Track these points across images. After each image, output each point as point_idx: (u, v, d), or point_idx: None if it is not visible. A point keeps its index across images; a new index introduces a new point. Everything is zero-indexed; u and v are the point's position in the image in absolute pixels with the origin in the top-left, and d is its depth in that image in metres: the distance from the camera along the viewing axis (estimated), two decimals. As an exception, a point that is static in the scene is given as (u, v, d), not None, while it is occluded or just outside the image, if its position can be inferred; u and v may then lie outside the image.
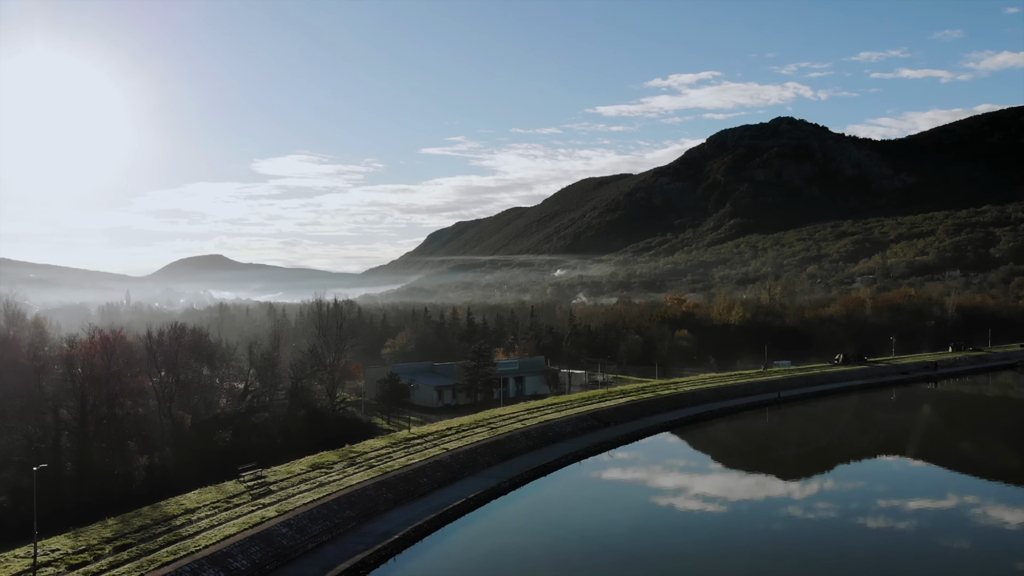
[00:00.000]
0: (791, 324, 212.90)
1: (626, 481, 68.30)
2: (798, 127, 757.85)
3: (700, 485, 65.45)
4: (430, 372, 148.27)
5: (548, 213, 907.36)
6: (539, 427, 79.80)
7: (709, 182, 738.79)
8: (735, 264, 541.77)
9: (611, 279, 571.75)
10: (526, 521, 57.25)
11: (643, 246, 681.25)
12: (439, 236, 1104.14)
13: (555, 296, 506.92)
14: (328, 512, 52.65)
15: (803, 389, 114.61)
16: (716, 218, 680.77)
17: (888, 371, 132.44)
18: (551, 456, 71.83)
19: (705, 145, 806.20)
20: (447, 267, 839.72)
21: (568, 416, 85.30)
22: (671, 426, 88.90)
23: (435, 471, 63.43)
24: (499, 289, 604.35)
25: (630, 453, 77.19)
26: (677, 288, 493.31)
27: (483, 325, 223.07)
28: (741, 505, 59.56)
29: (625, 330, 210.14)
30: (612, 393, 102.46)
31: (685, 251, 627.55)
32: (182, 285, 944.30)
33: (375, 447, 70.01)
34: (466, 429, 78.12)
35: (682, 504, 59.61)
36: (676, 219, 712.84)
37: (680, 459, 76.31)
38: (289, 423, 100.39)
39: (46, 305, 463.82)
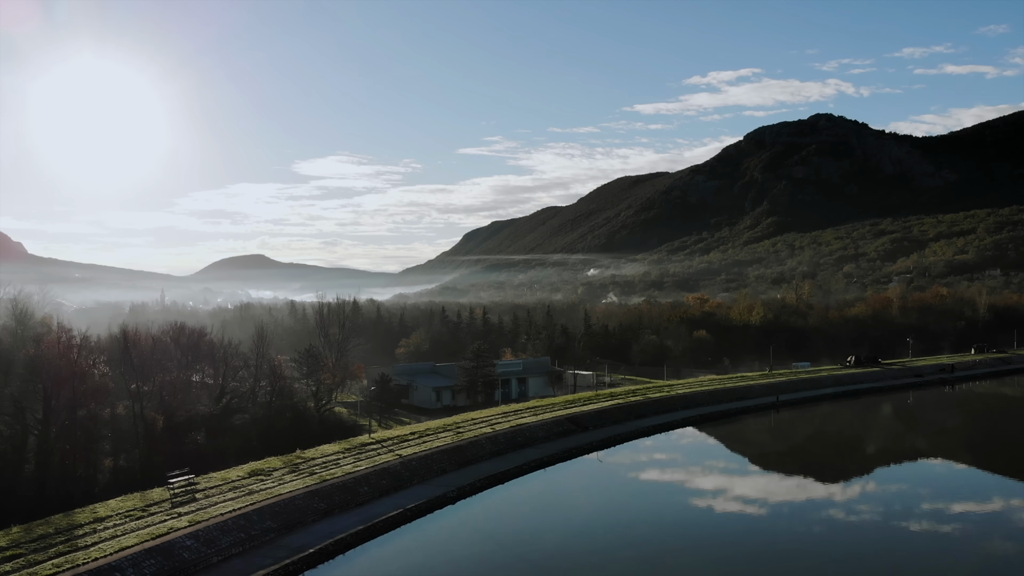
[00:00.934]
0: (814, 324, 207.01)
1: (579, 491, 64.41)
2: (837, 124, 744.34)
3: (648, 498, 61.30)
4: (432, 373, 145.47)
5: (583, 212, 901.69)
6: (509, 432, 76.30)
7: (746, 180, 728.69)
8: (770, 263, 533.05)
9: (643, 278, 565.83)
10: (459, 534, 53.81)
11: (678, 245, 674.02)
12: (475, 236, 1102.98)
13: (586, 295, 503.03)
14: (246, 523, 49.67)
15: (805, 393, 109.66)
16: (753, 216, 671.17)
17: (901, 374, 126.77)
18: (513, 463, 68.30)
19: (742, 142, 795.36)
20: (481, 266, 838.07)
21: (544, 420, 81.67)
22: (653, 431, 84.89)
23: (379, 479, 60.25)
24: (531, 289, 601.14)
25: (596, 461, 73.13)
26: (711, 288, 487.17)
27: (498, 325, 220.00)
28: (684, 517, 55.48)
29: (642, 330, 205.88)
30: (601, 396, 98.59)
31: (720, 250, 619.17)
32: (224, 284, 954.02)
33: (325, 453, 67.01)
34: (431, 433, 74.86)
35: (622, 518, 55.74)
36: (712, 217, 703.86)
37: (644, 468, 72.01)
38: (268, 425, 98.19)
39: (82, 304, 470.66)
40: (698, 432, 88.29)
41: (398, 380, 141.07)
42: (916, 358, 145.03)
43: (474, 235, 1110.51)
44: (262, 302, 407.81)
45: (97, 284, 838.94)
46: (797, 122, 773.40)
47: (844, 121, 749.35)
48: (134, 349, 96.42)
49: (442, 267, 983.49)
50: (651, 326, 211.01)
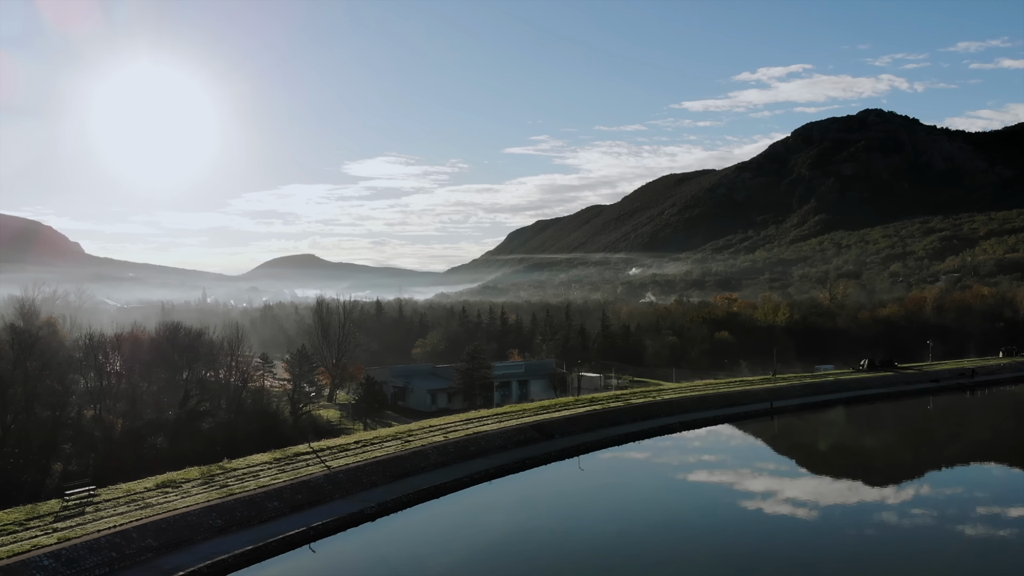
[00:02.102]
0: (843, 326, 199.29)
1: (508, 508, 59.65)
2: (887, 119, 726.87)
3: (576, 519, 56.26)
4: (431, 375, 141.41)
5: (627, 211, 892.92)
6: (462, 440, 71.87)
7: (793, 177, 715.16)
8: (816, 262, 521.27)
9: (685, 278, 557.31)
10: (359, 558, 49.59)
11: (723, 243, 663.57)
12: (519, 235, 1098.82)
13: (624, 295, 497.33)
14: (122, 541, 45.97)
15: (806, 399, 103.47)
16: (800, 214, 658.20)
17: (916, 379, 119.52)
18: (454, 475, 63.93)
19: (790, 139, 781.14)
20: (524, 265, 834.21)
21: (506, 427, 77.06)
22: (625, 439, 79.81)
23: (295, 494, 56.27)
24: (570, 288, 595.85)
25: (548, 473, 68.34)
26: (754, 287, 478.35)
27: (516, 325, 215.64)
28: (607, 544, 50.43)
29: (663, 331, 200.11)
30: (580, 400, 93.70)
31: (766, 248, 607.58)
32: (273, 284, 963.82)
33: (252, 463, 63.26)
34: (376, 442, 70.75)
35: (538, 541, 50.94)
36: (758, 215, 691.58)
37: (593, 481, 66.90)
38: (236, 430, 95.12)
39: (127, 303, 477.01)
40: (669, 440, 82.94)
41: (394, 382, 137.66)
42: (937, 362, 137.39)
43: (518, 234, 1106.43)
44: (306, 301, 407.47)
45: (149, 284, 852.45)
46: (846, 118, 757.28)
47: (894, 117, 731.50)
48: (100, 350, 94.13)
49: (486, 266, 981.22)
50: (673, 327, 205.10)
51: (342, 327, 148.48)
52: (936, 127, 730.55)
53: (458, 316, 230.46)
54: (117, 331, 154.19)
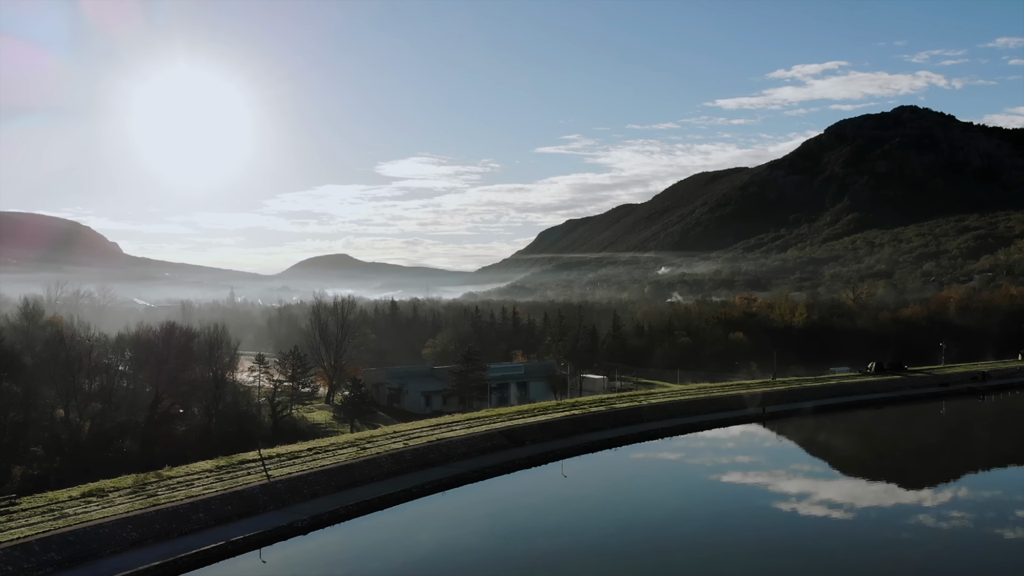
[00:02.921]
0: (862, 326, 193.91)
1: (450, 522, 56.50)
2: (922, 116, 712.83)
3: (508, 538, 52.74)
4: (428, 376, 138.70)
5: (658, 209, 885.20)
6: (423, 447, 68.82)
7: (826, 175, 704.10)
8: (847, 261, 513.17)
9: (714, 277, 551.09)
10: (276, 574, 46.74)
11: (754, 242, 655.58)
12: (549, 234, 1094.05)
13: (652, 294, 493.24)
14: (22, 554, 43.47)
15: (802, 403, 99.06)
16: (833, 212, 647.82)
17: (925, 382, 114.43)
18: (406, 485, 60.88)
19: (823, 136, 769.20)
20: (553, 265, 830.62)
21: (473, 434, 73.92)
22: (600, 446, 76.31)
23: (225, 504, 53.52)
24: (599, 287, 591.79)
25: (506, 484, 65.06)
26: (783, 286, 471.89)
27: (528, 325, 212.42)
28: (538, 567, 46.95)
29: (677, 332, 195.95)
30: (562, 404, 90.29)
31: (798, 247, 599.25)
32: (306, 283, 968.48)
33: (192, 470, 60.72)
34: (331, 449, 67.94)
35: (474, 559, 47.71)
36: (791, 214, 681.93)
37: (542, 494, 63.43)
38: (212, 432, 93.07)
39: (156, 303, 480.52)
40: (646, 447, 79.21)
41: (390, 384, 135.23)
42: (950, 365, 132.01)
43: (549, 233, 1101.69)
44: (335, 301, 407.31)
45: (182, 283, 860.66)
46: (880, 115, 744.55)
47: (929, 113, 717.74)
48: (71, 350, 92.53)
49: (516, 266, 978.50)
50: (689, 327, 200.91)
51: (340, 327, 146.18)
52: (972, 124, 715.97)
53: (471, 316, 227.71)
54: (124, 331, 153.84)
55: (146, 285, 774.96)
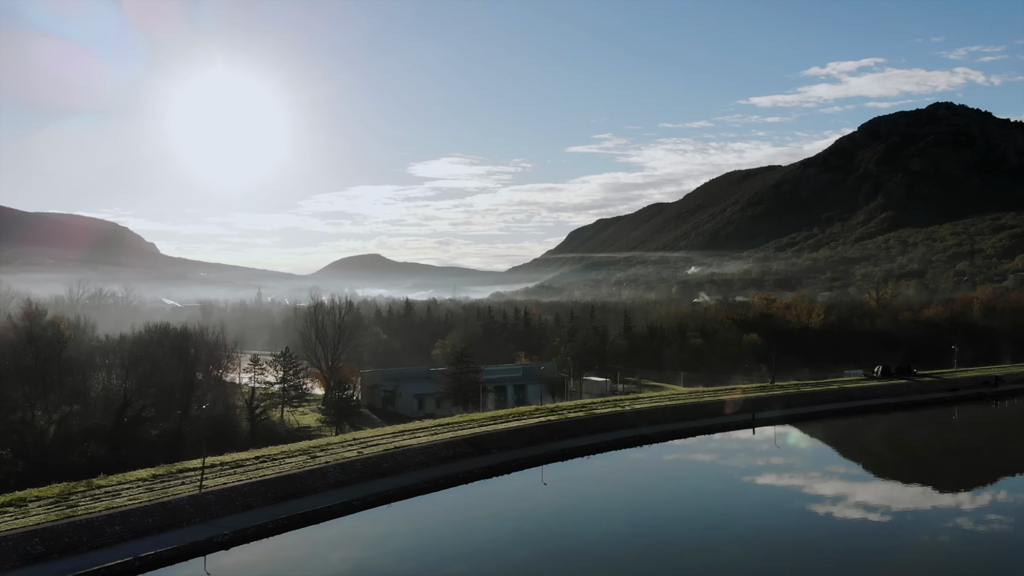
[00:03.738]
0: (882, 328, 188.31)
1: (373, 541, 53.33)
2: (958, 113, 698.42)
3: (426, 560, 49.38)
4: (424, 378, 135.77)
5: (689, 208, 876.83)
6: (377, 456, 65.74)
7: (860, 173, 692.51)
8: (880, 260, 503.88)
9: (743, 277, 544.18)
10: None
11: (786, 241, 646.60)
12: (580, 234, 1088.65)
13: (680, 294, 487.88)
14: (-94, 573, 41.19)
15: (797, 409, 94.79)
16: (867, 211, 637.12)
17: (932, 387, 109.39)
18: (350, 496, 57.91)
19: (856, 134, 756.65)
20: (582, 264, 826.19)
21: (435, 441, 70.72)
22: (570, 454, 72.85)
23: (146, 516, 50.84)
24: (627, 287, 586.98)
25: (455, 496, 61.79)
26: (813, 286, 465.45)
27: (540, 326, 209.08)
28: None
29: (690, 333, 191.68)
30: (541, 410, 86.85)
31: (830, 247, 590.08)
32: (339, 283, 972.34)
33: (126, 479, 58.13)
34: (279, 457, 65.08)
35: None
36: (823, 212, 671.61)
37: (486, 509, 60.00)
38: (185, 436, 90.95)
39: (185, 302, 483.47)
40: (617, 456, 75.54)
41: (384, 386, 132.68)
42: (963, 368, 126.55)
43: (579, 233, 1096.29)
44: (365, 300, 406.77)
45: (218, 283, 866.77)
46: (915, 112, 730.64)
47: (965, 110, 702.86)
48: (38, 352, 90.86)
49: (547, 265, 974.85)
50: (703, 328, 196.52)
51: (337, 328, 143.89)
52: (1010, 120, 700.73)
53: (483, 316, 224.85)
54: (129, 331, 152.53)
55: (179, 285, 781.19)
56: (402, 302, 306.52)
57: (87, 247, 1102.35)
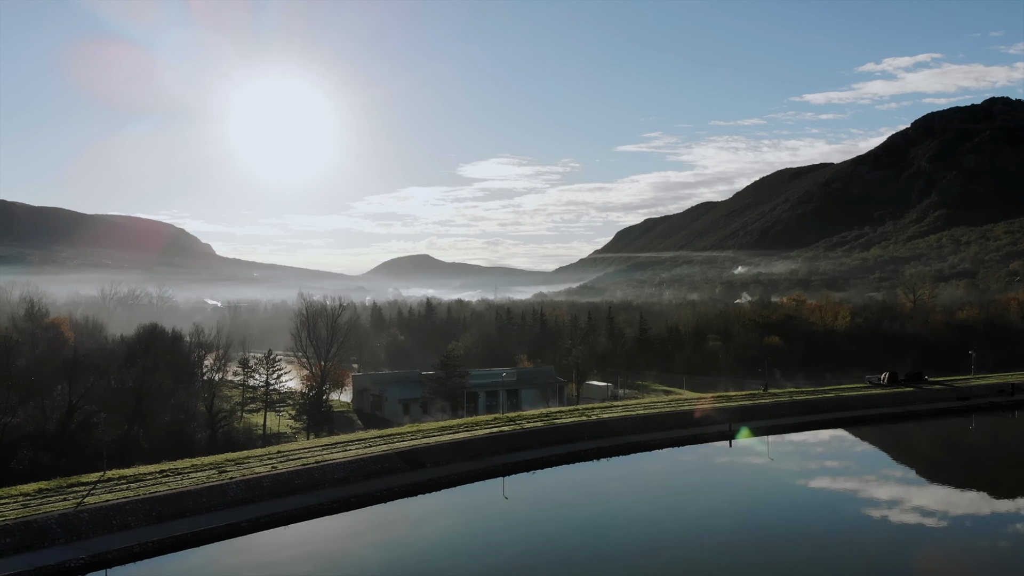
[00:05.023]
0: (912, 331, 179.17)
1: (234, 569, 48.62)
2: (1014, 108, 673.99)
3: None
4: (414, 382, 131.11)
5: (738, 207, 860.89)
6: (291, 472, 61.18)
7: (913, 170, 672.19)
8: (931, 260, 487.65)
9: (790, 277, 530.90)
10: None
11: (836, 240, 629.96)
12: (627, 233, 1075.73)
13: (723, 295, 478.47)
14: None
15: (782, 419, 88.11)
16: (919, 209, 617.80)
17: (941, 396, 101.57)
18: (242, 517, 53.64)
19: (910, 130, 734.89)
20: (628, 264, 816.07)
21: (362, 455, 65.93)
22: (513, 469, 67.59)
23: (5, 536, 47.05)
24: (670, 287, 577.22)
25: (349, 519, 56.63)
26: (861, 287, 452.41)
27: (555, 328, 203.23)
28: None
29: (710, 335, 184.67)
30: (500, 419, 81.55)
31: (881, 246, 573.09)
32: (387, 283, 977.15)
33: (9, 493, 54.56)
34: (186, 471, 61.05)
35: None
36: (875, 211, 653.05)
37: (376, 534, 54.68)
38: (136, 443, 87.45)
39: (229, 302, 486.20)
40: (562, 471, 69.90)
41: (373, 390, 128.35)
42: (981, 375, 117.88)
43: (626, 233, 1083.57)
44: (408, 300, 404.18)
45: (269, 283, 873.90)
46: (970, 107, 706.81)
47: (1022, 105, 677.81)
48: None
49: (593, 265, 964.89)
50: (724, 330, 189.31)
51: (329, 329, 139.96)
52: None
53: (502, 317, 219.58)
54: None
55: (228, 285, 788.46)
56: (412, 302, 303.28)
57: (144, 249, 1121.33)
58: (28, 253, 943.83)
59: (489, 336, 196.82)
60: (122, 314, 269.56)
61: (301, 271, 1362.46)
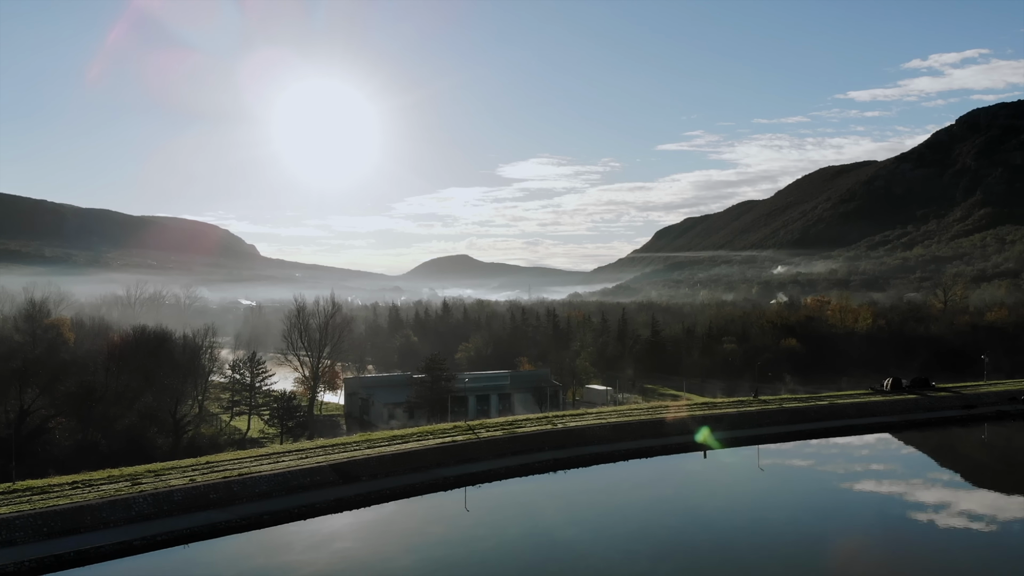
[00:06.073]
0: (936, 333, 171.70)
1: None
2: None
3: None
4: (405, 385, 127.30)
5: (779, 206, 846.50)
6: (208, 485, 57.49)
7: (957, 167, 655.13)
8: (974, 260, 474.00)
9: (829, 277, 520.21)
10: None
11: (879, 240, 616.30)
12: (666, 233, 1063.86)
13: (759, 295, 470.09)
14: None
15: (762, 429, 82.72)
16: (964, 208, 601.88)
17: (945, 404, 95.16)
18: (143, 533, 50.25)
19: (954, 127, 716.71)
20: (665, 264, 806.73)
21: (294, 468, 62.12)
22: (456, 483, 63.38)
23: None
24: (707, 287, 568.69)
25: (255, 539, 52.62)
26: (901, 287, 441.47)
27: (566, 329, 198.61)
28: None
29: (725, 337, 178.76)
30: (459, 427, 77.31)
31: (924, 245, 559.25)
32: (428, 283, 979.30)
33: None
34: (98, 483, 57.76)
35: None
36: (919, 209, 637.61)
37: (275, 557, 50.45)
38: (90, 450, 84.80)
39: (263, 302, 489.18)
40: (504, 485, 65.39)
41: (361, 393, 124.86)
42: (992, 382, 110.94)
43: (665, 232, 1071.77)
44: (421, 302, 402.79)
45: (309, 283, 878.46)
46: (1016, 103, 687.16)
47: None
48: None
49: (631, 265, 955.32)
50: (741, 332, 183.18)
51: (322, 330, 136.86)
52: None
53: (517, 318, 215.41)
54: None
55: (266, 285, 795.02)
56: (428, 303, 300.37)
57: (191, 250, 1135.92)
58: (74, 254, 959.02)
59: (499, 337, 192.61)
60: (147, 314, 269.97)
61: (342, 271, 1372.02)
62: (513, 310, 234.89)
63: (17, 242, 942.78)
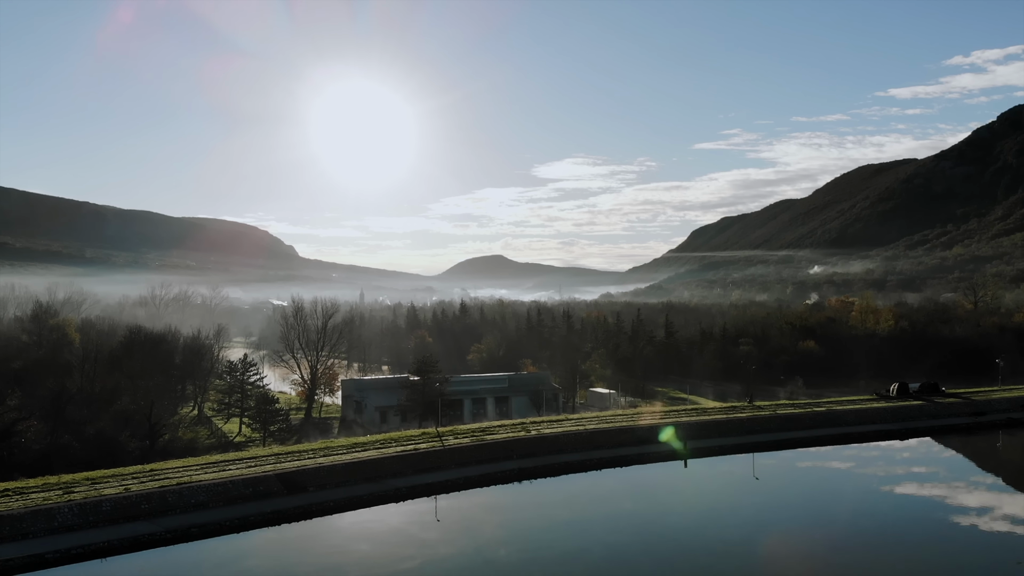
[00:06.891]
0: (961, 335, 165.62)
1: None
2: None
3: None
4: (399, 388, 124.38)
5: (817, 205, 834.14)
6: (141, 495, 54.76)
7: (999, 165, 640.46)
8: (1014, 259, 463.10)
9: (865, 277, 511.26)
10: None
11: (918, 239, 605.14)
12: (703, 232, 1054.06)
13: (794, 295, 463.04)
14: None
15: (753, 437, 78.54)
16: (1006, 206, 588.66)
17: (952, 411, 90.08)
18: (51, 547, 47.60)
19: (995, 124, 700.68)
20: (701, 264, 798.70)
21: (237, 477, 59.37)
22: (409, 494, 60.30)
23: None
24: (741, 287, 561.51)
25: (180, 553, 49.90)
26: (938, 287, 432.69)
27: (580, 330, 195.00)
28: None
29: (742, 339, 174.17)
30: (428, 434, 74.27)
31: (964, 244, 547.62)
32: (462, 283, 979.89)
33: None
34: (27, 491, 55.35)
35: None
36: (959, 208, 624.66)
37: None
38: (59, 454, 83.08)
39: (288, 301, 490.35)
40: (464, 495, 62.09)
41: (355, 396, 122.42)
42: (1008, 387, 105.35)
43: (701, 232, 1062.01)
44: (472, 300, 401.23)
45: (345, 283, 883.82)
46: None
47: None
48: None
49: (666, 265, 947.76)
50: (760, 334, 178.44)
51: (319, 331, 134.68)
52: None
53: (532, 319, 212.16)
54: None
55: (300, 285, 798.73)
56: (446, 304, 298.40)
57: (230, 251, 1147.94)
58: (114, 255, 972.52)
59: (512, 339, 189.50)
60: (172, 315, 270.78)
61: (379, 272, 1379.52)
62: (530, 310, 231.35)
63: (60, 243, 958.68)
